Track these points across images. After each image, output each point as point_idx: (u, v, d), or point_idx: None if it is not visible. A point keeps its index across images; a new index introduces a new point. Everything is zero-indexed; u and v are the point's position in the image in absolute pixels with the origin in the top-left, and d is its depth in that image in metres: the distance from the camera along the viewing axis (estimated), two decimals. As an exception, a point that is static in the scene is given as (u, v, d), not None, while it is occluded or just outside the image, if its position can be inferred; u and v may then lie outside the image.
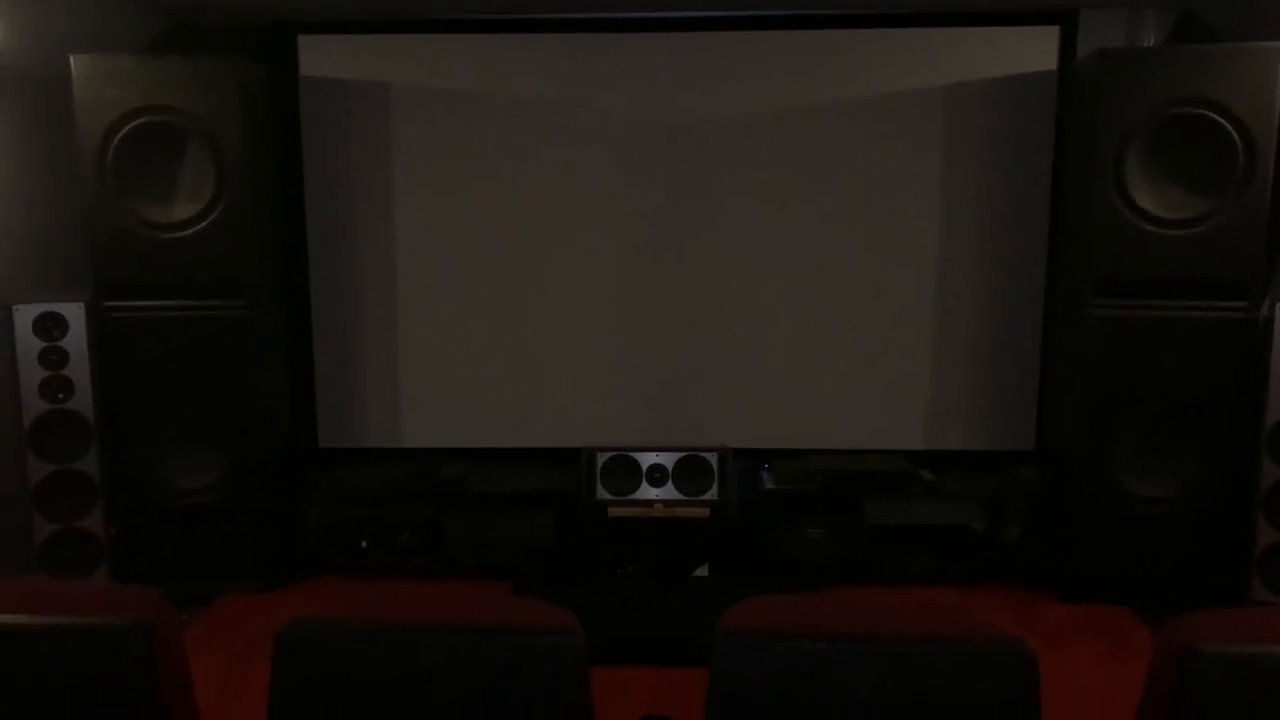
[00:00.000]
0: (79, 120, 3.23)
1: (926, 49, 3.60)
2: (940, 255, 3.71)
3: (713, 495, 3.51)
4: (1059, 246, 3.60)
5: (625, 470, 3.54)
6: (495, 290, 3.80)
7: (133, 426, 3.42)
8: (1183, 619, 1.45)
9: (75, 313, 3.31)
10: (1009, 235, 3.68)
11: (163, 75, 3.25)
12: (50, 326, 3.30)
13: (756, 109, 3.67)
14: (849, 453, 3.74)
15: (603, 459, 3.55)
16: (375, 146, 3.72)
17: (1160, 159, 3.21)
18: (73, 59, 3.21)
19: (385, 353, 3.84)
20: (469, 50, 3.66)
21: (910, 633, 1.45)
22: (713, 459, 3.54)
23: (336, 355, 3.83)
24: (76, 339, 3.31)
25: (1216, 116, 3.13)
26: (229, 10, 3.59)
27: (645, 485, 3.53)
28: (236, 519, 3.49)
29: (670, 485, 3.53)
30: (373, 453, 3.87)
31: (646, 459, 3.55)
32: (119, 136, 3.24)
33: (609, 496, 3.52)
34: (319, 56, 3.67)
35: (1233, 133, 3.13)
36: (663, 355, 3.83)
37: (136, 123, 3.24)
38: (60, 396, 3.32)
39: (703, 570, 3.58)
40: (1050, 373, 3.68)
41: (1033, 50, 3.58)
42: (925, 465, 3.71)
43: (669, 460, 3.55)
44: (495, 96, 3.68)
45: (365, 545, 3.75)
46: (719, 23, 3.61)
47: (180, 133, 3.28)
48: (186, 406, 3.43)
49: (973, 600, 3.47)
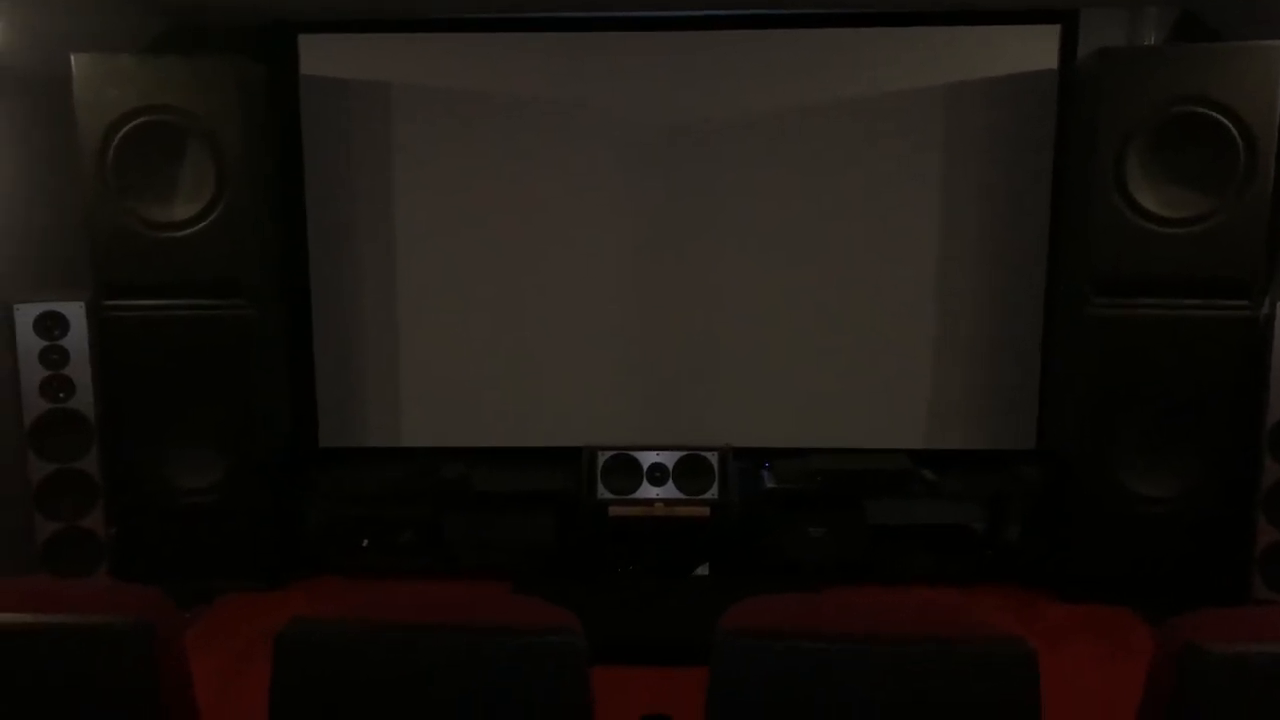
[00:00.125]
0: (79, 120, 3.23)
1: (927, 48, 3.60)
2: (941, 254, 3.71)
3: (713, 494, 3.51)
4: (1059, 245, 3.60)
5: (626, 469, 3.54)
6: (495, 290, 3.80)
7: (133, 426, 3.43)
8: (1183, 618, 1.45)
9: (76, 312, 3.31)
10: (1010, 234, 3.68)
11: (163, 75, 3.25)
12: (51, 326, 3.30)
13: (757, 108, 3.67)
14: (849, 452, 3.74)
15: (603, 458, 3.55)
16: (375, 146, 3.72)
17: (1161, 158, 3.21)
18: (73, 58, 3.21)
19: (386, 352, 3.84)
20: (469, 50, 3.66)
21: (910, 633, 1.45)
22: (713, 458, 3.54)
23: (337, 355, 3.83)
24: (77, 338, 3.32)
25: (1217, 115, 3.13)
26: (229, 10, 3.59)
27: (646, 484, 3.53)
28: (237, 518, 3.49)
29: (671, 484, 3.53)
30: (373, 452, 3.87)
31: (647, 458, 3.56)
32: (119, 136, 3.24)
33: (609, 496, 3.52)
34: (319, 56, 3.67)
35: (1234, 131, 3.13)
36: (663, 354, 3.83)
37: (137, 122, 3.24)
38: (61, 396, 3.32)
39: (703, 569, 3.58)
40: (1051, 372, 3.68)
41: (1033, 49, 3.58)
42: (926, 464, 3.71)
43: (669, 459, 3.55)
44: (495, 96, 3.68)
45: (366, 545, 3.75)
46: (719, 22, 3.61)
47: (180, 132, 3.28)
48: (187, 406, 3.43)
49: (973, 600, 3.47)
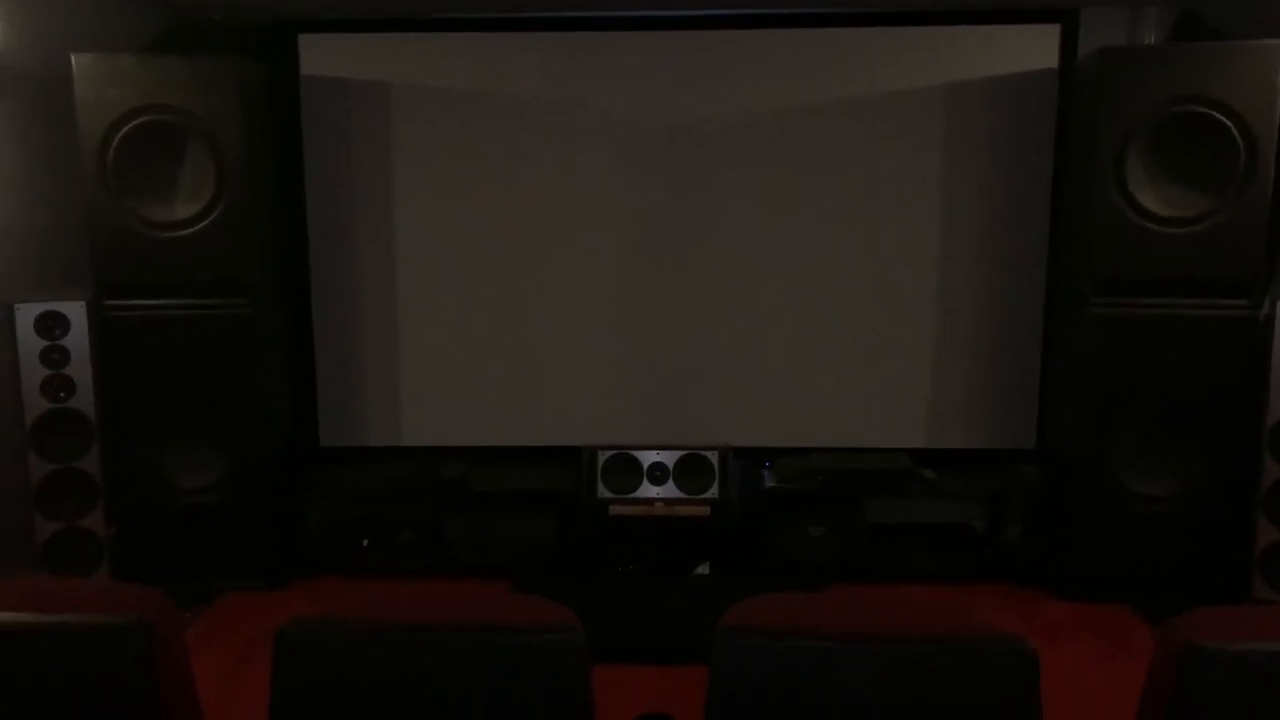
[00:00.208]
0: (79, 120, 3.23)
1: (927, 47, 3.60)
2: (941, 254, 3.71)
3: (713, 494, 3.52)
4: (1059, 245, 3.60)
5: (626, 469, 3.54)
6: (495, 289, 3.79)
7: (134, 425, 3.42)
8: (1183, 618, 1.45)
9: (76, 312, 3.31)
10: (1010, 234, 3.68)
11: (163, 75, 3.25)
12: (51, 325, 3.30)
13: (757, 108, 3.67)
14: (850, 451, 3.74)
15: (603, 457, 3.55)
16: (375, 146, 3.72)
17: (1161, 157, 3.21)
18: (73, 58, 3.20)
19: (386, 352, 3.84)
20: (468, 49, 3.66)
21: (910, 632, 1.45)
22: (713, 457, 3.54)
23: (337, 354, 3.83)
24: (78, 338, 3.31)
25: (1218, 115, 3.13)
26: (229, 10, 3.59)
27: (646, 484, 3.54)
28: (237, 518, 3.49)
29: (671, 484, 3.53)
30: (373, 452, 3.87)
31: (647, 457, 3.56)
32: (119, 136, 3.23)
33: (610, 495, 3.52)
34: (319, 56, 3.67)
35: (1234, 131, 3.12)
36: (663, 354, 3.83)
37: (137, 122, 3.24)
38: (61, 395, 3.32)
39: (703, 569, 3.58)
40: (1051, 371, 3.67)
41: (1034, 49, 3.57)
42: (926, 464, 3.71)
43: (670, 459, 3.55)
44: (495, 96, 3.68)
45: (366, 544, 3.75)
46: (719, 21, 3.61)
47: (180, 132, 3.28)
48: (187, 406, 3.43)
49: (973, 599, 3.47)
